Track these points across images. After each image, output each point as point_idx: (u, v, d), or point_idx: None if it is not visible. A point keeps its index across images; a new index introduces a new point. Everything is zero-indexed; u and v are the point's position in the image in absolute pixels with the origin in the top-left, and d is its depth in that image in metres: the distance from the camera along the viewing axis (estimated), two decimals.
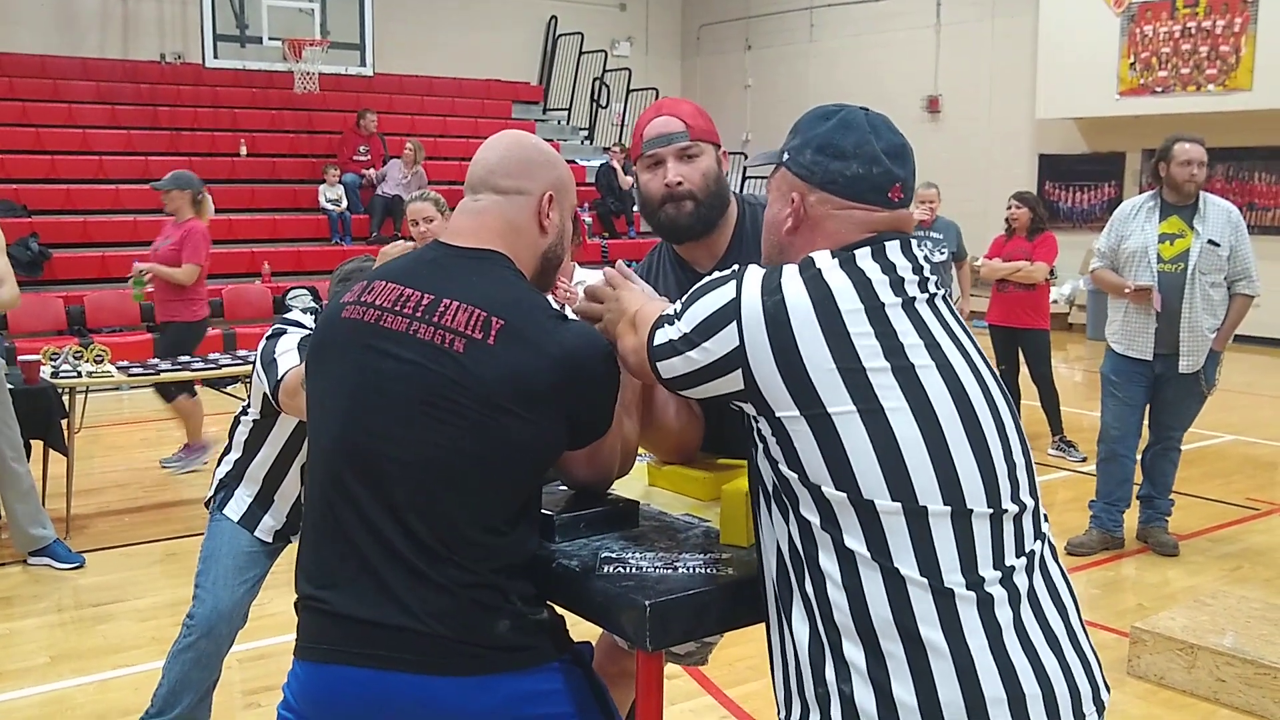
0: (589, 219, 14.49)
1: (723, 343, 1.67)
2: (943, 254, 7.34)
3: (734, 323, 1.66)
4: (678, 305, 1.77)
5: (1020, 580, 1.61)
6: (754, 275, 1.69)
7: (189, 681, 3.25)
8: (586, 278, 2.37)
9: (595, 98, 17.36)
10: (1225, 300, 5.25)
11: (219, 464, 3.39)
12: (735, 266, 1.74)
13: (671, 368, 1.75)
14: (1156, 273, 5.21)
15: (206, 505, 3.37)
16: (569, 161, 2.60)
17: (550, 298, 2.14)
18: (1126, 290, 5.27)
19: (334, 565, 1.82)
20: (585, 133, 17.44)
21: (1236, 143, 12.29)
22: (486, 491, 1.78)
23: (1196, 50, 12.68)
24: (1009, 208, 7.61)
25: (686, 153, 2.39)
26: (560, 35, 17.68)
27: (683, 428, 2.28)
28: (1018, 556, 1.63)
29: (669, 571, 1.86)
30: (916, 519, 1.57)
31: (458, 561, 1.76)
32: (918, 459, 1.58)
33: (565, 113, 17.50)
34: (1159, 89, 13.02)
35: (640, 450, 2.25)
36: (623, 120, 17.07)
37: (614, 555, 1.93)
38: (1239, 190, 12.64)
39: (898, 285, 1.67)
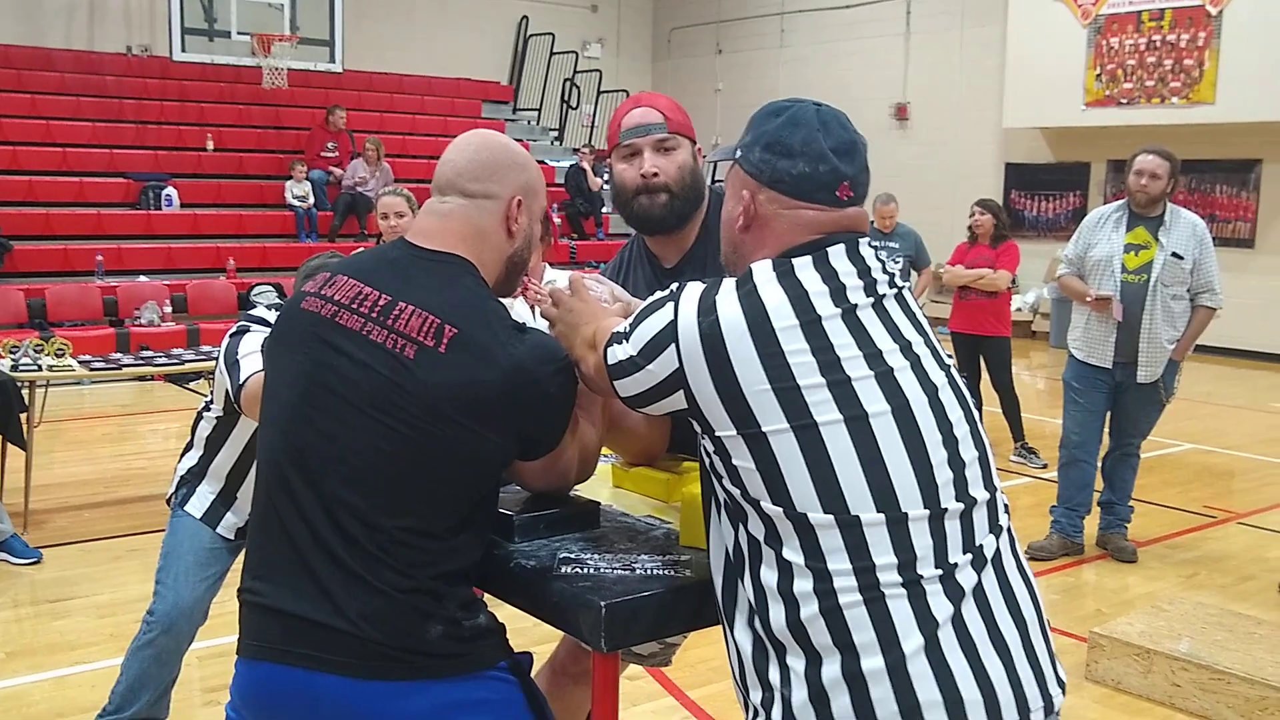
0: (558, 220, 14.47)
1: (664, 365, 1.67)
2: (898, 263, 7.40)
3: (673, 345, 1.66)
4: (627, 324, 1.77)
5: (965, 577, 1.60)
6: (691, 295, 1.69)
7: (148, 678, 3.22)
8: (557, 278, 2.37)
9: (565, 99, 17.35)
10: (1187, 312, 5.31)
11: (181, 460, 3.37)
12: (674, 286, 1.74)
13: (624, 387, 1.75)
14: (1120, 282, 5.27)
15: (168, 502, 3.35)
16: (538, 162, 2.59)
17: (521, 299, 2.13)
18: (1088, 299, 5.34)
19: (271, 559, 1.80)
20: (555, 134, 17.42)
21: (1199, 155, 12.42)
22: (428, 498, 1.76)
23: (1161, 63, 12.81)
24: (972, 215, 7.70)
25: (663, 145, 2.40)
26: (531, 36, 17.66)
27: (648, 430, 2.27)
28: (964, 553, 1.62)
29: (626, 573, 1.86)
30: (850, 529, 1.56)
31: (393, 565, 1.73)
32: (849, 471, 1.57)
33: (535, 113, 17.48)
34: (1124, 101, 13.15)
35: (605, 451, 2.25)
36: (593, 121, 17.05)
37: (572, 556, 1.93)
38: (1201, 202, 12.77)
39: (838, 295, 1.66)
